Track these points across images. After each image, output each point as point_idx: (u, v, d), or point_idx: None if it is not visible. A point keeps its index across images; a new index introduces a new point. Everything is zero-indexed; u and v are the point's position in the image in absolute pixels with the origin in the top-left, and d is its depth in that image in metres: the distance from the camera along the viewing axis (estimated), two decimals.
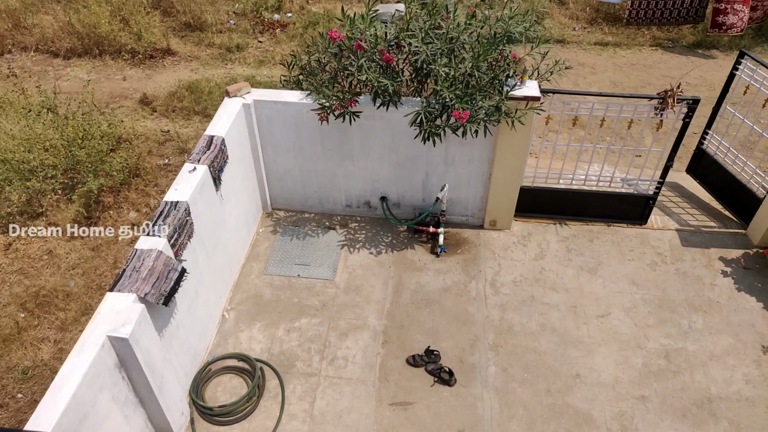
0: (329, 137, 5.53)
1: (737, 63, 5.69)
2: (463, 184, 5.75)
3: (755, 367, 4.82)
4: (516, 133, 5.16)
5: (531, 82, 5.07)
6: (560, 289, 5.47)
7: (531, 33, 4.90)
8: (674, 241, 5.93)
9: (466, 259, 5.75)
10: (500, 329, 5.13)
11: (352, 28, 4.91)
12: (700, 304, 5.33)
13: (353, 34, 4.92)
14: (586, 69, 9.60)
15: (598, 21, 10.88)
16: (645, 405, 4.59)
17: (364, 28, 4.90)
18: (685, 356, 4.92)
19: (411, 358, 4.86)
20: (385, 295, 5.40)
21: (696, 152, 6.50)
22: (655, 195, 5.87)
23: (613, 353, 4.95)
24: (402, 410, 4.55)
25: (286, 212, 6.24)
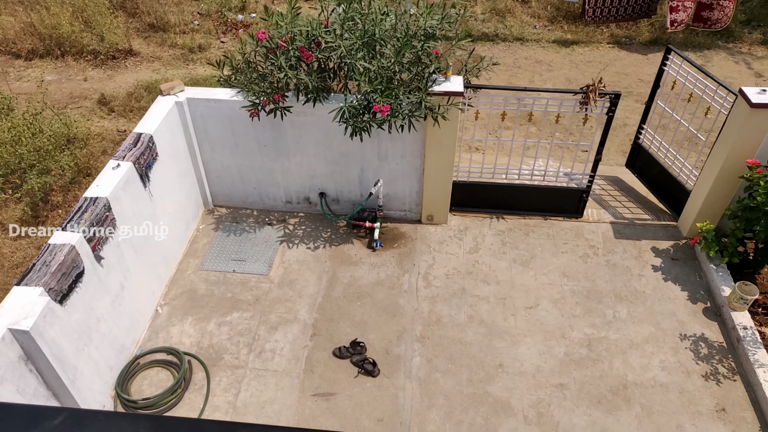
0: (263, 134, 5.61)
1: (665, 59, 5.80)
2: (399, 180, 5.84)
3: (672, 354, 4.93)
4: (443, 128, 5.25)
5: (455, 78, 5.16)
6: (492, 281, 5.57)
7: (446, 28, 4.97)
8: (608, 233, 6.04)
9: (402, 253, 5.84)
10: (429, 321, 5.22)
11: (278, 27, 5.00)
12: (627, 294, 5.43)
13: (279, 33, 5.00)
14: (543, 66, 9.71)
15: (558, 19, 11.00)
16: (563, 392, 4.69)
17: (286, 26, 4.98)
18: (606, 345, 5.02)
19: (337, 350, 4.94)
20: (319, 289, 5.48)
21: (633, 147, 6.62)
22: (588, 188, 5.97)
23: (538, 343, 5.05)
24: (324, 401, 4.63)
25: (227, 209, 6.31)
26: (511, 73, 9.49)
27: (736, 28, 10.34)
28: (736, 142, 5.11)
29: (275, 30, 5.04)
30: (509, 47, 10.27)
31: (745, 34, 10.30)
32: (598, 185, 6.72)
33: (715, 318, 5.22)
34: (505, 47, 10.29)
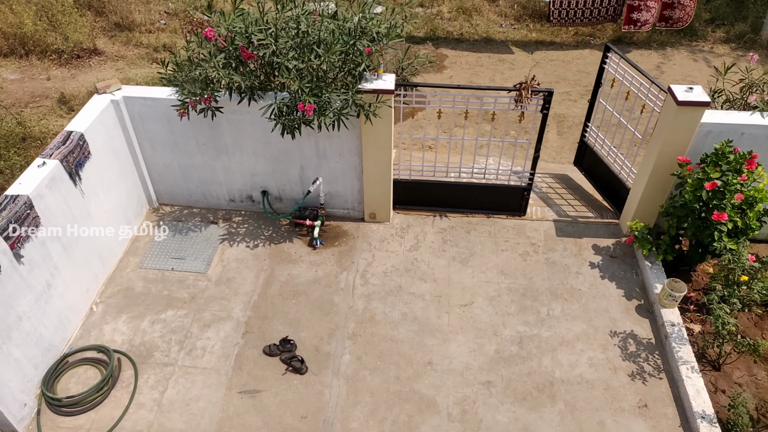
0: (201, 132, 5.62)
1: (604, 57, 5.82)
2: (339, 178, 5.85)
3: (601, 351, 4.95)
4: (378, 126, 5.26)
5: (388, 76, 5.17)
6: (429, 279, 5.58)
7: (375, 27, 4.97)
8: (550, 231, 6.06)
9: (342, 251, 5.85)
10: (362, 319, 5.23)
11: (220, 25, 4.98)
12: (563, 292, 5.45)
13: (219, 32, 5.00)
14: (506, 65, 9.73)
15: (525, 18, 11.03)
16: (489, 390, 4.71)
17: (226, 25, 4.98)
18: (537, 342, 5.04)
19: (267, 347, 4.95)
20: (255, 288, 5.48)
21: (579, 145, 6.64)
22: (530, 186, 5.99)
23: (469, 341, 5.06)
24: (250, 398, 4.64)
25: (172, 207, 6.31)
26: (472, 72, 9.51)
27: (700, 27, 10.38)
28: (667, 139, 5.13)
29: (217, 29, 5.02)
30: (473, 46, 10.29)
31: (708, 33, 10.33)
32: (546, 183, 6.75)
33: (647, 315, 5.24)
34: (469, 46, 10.30)
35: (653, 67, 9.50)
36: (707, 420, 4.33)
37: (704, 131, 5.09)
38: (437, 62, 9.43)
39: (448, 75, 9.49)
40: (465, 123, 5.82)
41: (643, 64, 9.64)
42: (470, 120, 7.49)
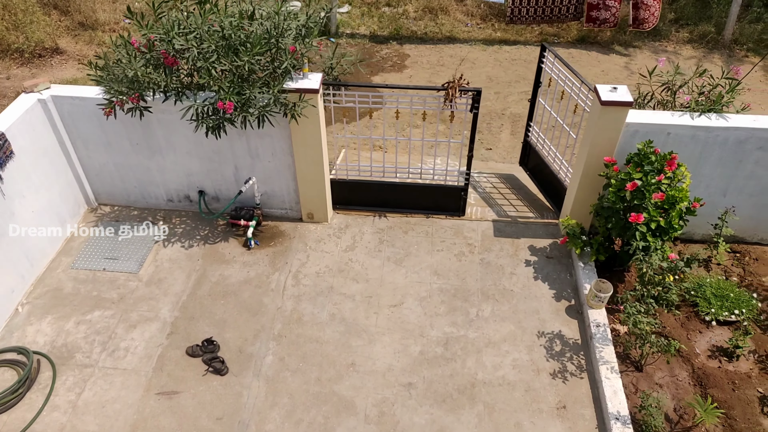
0: (134, 132, 5.58)
1: (541, 56, 5.79)
2: (274, 177, 5.82)
3: (526, 353, 4.92)
4: (306, 126, 5.23)
5: (314, 75, 5.13)
6: (361, 279, 5.55)
7: (311, 29, 4.91)
8: (488, 231, 6.03)
9: (277, 251, 5.81)
10: (290, 319, 5.19)
11: (141, 29, 4.94)
12: (494, 292, 5.42)
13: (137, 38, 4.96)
14: (467, 64, 9.70)
15: (490, 18, 11.00)
16: (409, 391, 4.67)
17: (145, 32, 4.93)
18: (463, 344, 5.01)
19: (190, 348, 4.91)
20: (185, 288, 5.44)
21: (523, 144, 6.61)
22: (466, 186, 5.95)
23: (395, 342, 5.03)
24: (167, 399, 4.60)
25: (111, 207, 6.27)
26: (433, 71, 9.48)
27: (665, 27, 10.35)
28: (594, 139, 5.10)
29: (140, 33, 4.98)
30: (436, 45, 10.25)
31: (672, 33, 10.31)
32: (491, 183, 6.72)
33: (577, 316, 5.21)
34: (432, 45, 10.27)
35: (613, 66, 9.47)
36: (621, 421, 4.30)
37: (631, 131, 5.06)
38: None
39: (408, 75, 9.46)
40: (396, 122, 5.77)
41: (605, 64, 9.64)
42: (418, 120, 7.45)
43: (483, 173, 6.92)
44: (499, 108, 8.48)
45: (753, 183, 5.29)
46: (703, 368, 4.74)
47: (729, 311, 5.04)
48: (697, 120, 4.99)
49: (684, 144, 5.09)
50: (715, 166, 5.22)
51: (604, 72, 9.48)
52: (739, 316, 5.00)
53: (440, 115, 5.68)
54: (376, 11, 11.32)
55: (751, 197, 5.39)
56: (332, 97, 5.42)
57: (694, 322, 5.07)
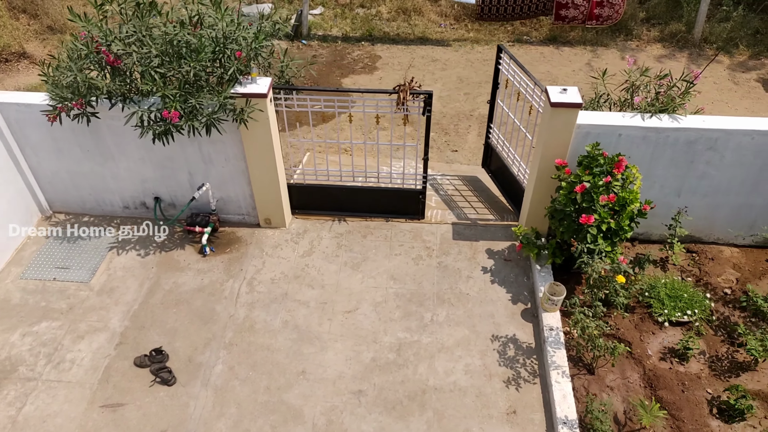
0: (84, 139, 5.49)
1: (498, 58, 5.75)
2: (229, 183, 5.74)
3: (479, 358, 4.88)
4: (256, 130, 5.16)
5: (262, 80, 5.06)
6: (317, 285, 5.48)
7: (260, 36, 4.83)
8: (447, 234, 5.98)
9: (232, 258, 5.74)
10: (242, 327, 5.12)
11: (85, 29, 4.86)
12: (450, 297, 5.37)
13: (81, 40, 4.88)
14: (438, 65, 9.66)
15: (463, 18, 10.96)
16: (359, 399, 4.62)
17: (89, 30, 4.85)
18: (416, 349, 4.96)
19: (138, 358, 4.84)
20: (137, 297, 5.36)
21: (485, 146, 6.57)
22: (424, 189, 5.90)
23: (347, 348, 4.97)
24: (111, 412, 4.52)
25: (66, 215, 6.17)
26: (404, 73, 9.42)
27: (636, 26, 10.35)
28: (547, 141, 5.07)
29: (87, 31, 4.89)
30: (408, 46, 10.20)
31: (643, 32, 10.31)
32: (453, 186, 6.68)
33: (532, 320, 5.17)
34: (404, 46, 10.22)
35: (583, 65, 9.46)
36: (569, 425, 4.26)
37: (583, 132, 5.03)
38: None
39: (378, 76, 9.39)
40: (362, 126, 5.71)
41: (574, 63, 9.62)
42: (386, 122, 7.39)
43: (446, 175, 6.88)
44: (468, 109, 8.44)
45: (705, 183, 5.28)
46: (654, 370, 4.71)
47: (682, 312, 5.02)
48: (648, 121, 4.96)
49: (636, 145, 5.06)
50: (667, 166, 5.20)
51: (575, 71, 9.46)
52: (692, 317, 4.99)
53: (396, 118, 5.63)
54: (350, 13, 11.25)
55: (704, 197, 5.38)
56: (284, 101, 5.35)
57: (647, 324, 5.05)
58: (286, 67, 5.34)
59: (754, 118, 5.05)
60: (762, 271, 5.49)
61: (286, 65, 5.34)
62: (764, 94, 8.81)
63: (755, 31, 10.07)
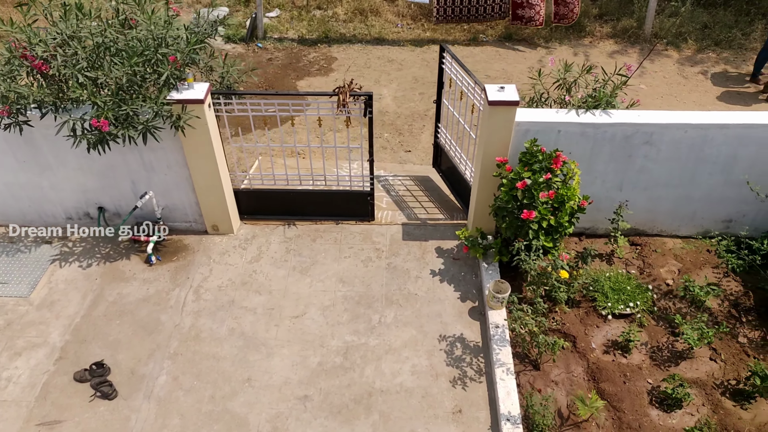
0: (18, 149, 5.35)
1: (441, 57, 5.76)
2: (173, 190, 5.65)
3: (426, 358, 4.88)
4: (196, 137, 5.09)
5: (199, 85, 4.98)
6: (265, 291, 5.43)
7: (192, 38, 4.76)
8: (397, 235, 5.98)
9: (179, 266, 5.65)
10: (187, 336, 5.04)
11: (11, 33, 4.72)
12: (399, 297, 5.37)
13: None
14: (394, 65, 9.65)
15: (420, 18, 10.98)
16: (305, 405, 4.58)
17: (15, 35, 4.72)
18: (363, 352, 4.94)
19: (78, 373, 4.73)
20: (80, 310, 5.24)
21: (434, 145, 6.58)
22: (372, 191, 5.89)
23: (294, 354, 4.93)
24: (48, 430, 4.40)
25: (5, 228, 6.00)
26: (359, 74, 9.40)
27: (588, 23, 10.50)
28: (488, 139, 5.09)
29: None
30: (365, 47, 10.18)
31: (596, 29, 10.46)
32: (404, 186, 6.68)
33: (479, 318, 5.20)
34: (361, 47, 10.19)
35: (536, 62, 9.55)
36: (512, 422, 4.29)
37: (522, 130, 5.07)
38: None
39: (334, 78, 9.34)
40: (302, 128, 5.67)
41: (529, 61, 9.70)
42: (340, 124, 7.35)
43: (398, 176, 6.88)
44: (423, 109, 8.45)
45: (645, 177, 5.37)
46: (597, 363, 4.77)
47: (625, 305, 5.09)
48: (583, 117, 5.03)
49: (575, 141, 5.12)
50: (607, 161, 5.28)
51: (530, 69, 9.54)
52: (634, 309, 5.07)
53: (342, 120, 5.60)
54: (306, 15, 11.18)
55: (645, 190, 5.47)
56: (224, 107, 5.28)
57: (592, 317, 5.11)
58: (227, 72, 5.26)
59: (687, 112, 5.16)
60: (702, 261, 5.61)
61: (226, 71, 5.26)
62: (711, 87, 9.02)
63: (703, 25, 10.31)
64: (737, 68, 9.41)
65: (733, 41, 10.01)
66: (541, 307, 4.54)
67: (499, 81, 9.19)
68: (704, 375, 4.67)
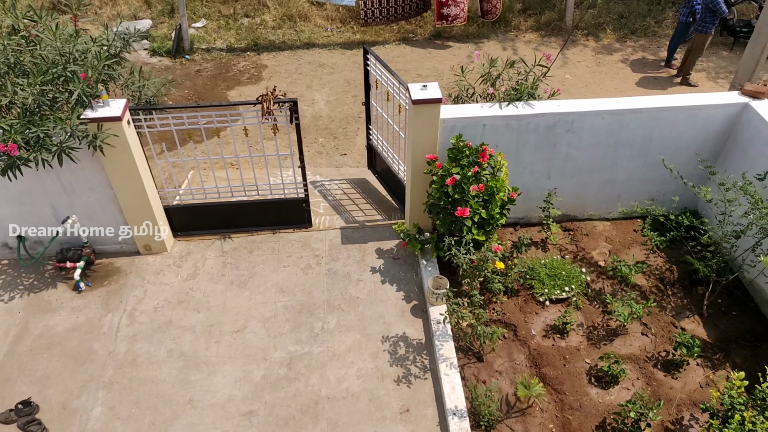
0: None
1: (366, 59, 5.77)
2: (99, 212, 5.42)
3: (371, 360, 4.87)
4: (117, 155, 4.90)
5: (115, 102, 4.79)
6: (203, 308, 5.28)
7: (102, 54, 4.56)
8: (336, 240, 5.94)
9: (111, 291, 5.42)
10: (123, 363, 4.84)
11: None
12: (341, 302, 5.33)
13: None
14: (325, 70, 9.61)
15: (349, 21, 10.98)
16: (250, 420, 4.48)
17: None
18: (307, 361, 4.88)
19: (2, 415, 4.45)
20: (2, 346, 4.94)
21: (367, 147, 6.59)
22: (306, 197, 5.83)
23: (236, 370, 4.81)
24: None
25: None
26: (291, 80, 9.31)
27: (513, 17, 10.79)
28: (416, 138, 5.14)
29: None
30: (295, 53, 10.09)
31: (521, 22, 10.76)
32: (341, 190, 6.65)
33: (422, 315, 5.23)
34: (291, 53, 10.10)
35: (465, 58, 9.72)
36: (458, 415, 4.34)
37: (449, 126, 5.14)
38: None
39: (264, 86, 9.22)
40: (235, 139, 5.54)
41: (458, 57, 9.87)
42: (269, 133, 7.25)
43: (335, 180, 6.85)
44: (356, 111, 8.45)
45: (571, 164, 5.55)
46: (538, 348, 4.89)
47: (561, 289, 5.24)
48: (506, 110, 5.15)
49: (500, 134, 5.23)
50: (533, 151, 5.42)
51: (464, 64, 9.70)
52: (570, 293, 5.22)
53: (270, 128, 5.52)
54: (234, 23, 10.98)
55: (572, 177, 5.66)
56: (144, 122, 5.11)
57: (531, 305, 5.24)
58: (143, 87, 5.09)
59: (604, 99, 5.35)
60: (630, 241, 5.85)
61: (143, 85, 5.09)
62: (631, 73, 9.44)
63: (620, 15, 10.79)
64: (653, 54, 9.89)
65: (647, 29, 10.53)
66: (478, 300, 4.62)
67: (430, 79, 9.30)
68: (637, 350, 4.87)
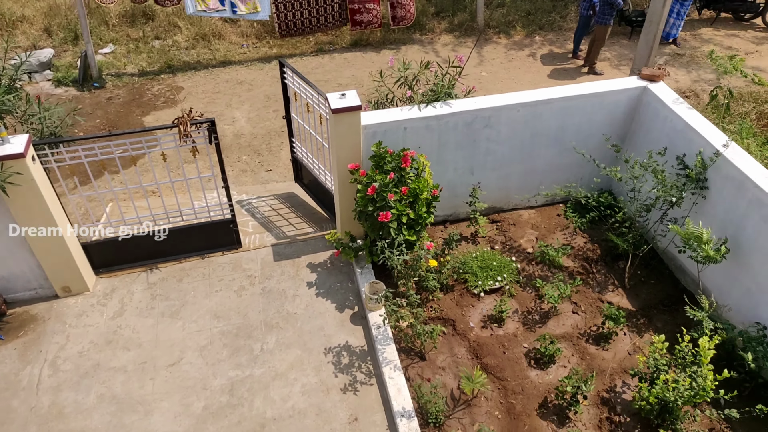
0: None
1: (282, 72, 5.70)
2: (7, 258, 5.06)
3: (315, 375, 4.79)
4: (25, 193, 4.59)
5: (17, 138, 4.49)
6: (133, 346, 5.02)
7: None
8: (267, 258, 5.82)
9: (28, 341, 5.06)
10: (47, 417, 4.52)
11: None
12: (278, 321, 5.23)
13: None
14: (244, 87, 9.45)
15: (265, 35, 10.86)
16: None
17: None
18: (249, 384, 4.74)
19: None
20: None
21: (292, 160, 6.51)
22: (233, 217, 5.69)
23: (174, 405, 4.60)
24: None
25: None
26: (209, 100, 9.09)
27: (427, 21, 11.02)
28: (339, 147, 5.12)
29: None
30: (212, 72, 9.87)
31: (435, 25, 11.01)
32: (269, 206, 6.54)
33: (362, 322, 5.21)
34: (207, 73, 9.87)
35: (383, 65, 9.82)
36: (406, 416, 4.34)
37: (370, 132, 5.16)
38: (172, 96, 8.82)
39: (181, 109, 8.94)
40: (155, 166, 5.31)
41: (377, 64, 9.96)
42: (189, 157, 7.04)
43: (262, 197, 6.73)
44: (279, 126, 8.35)
45: (492, 158, 5.71)
46: (477, 340, 4.98)
47: (494, 280, 5.37)
48: (425, 111, 5.24)
49: (422, 135, 5.31)
50: (455, 149, 5.54)
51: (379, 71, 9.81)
52: (503, 282, 5.36)
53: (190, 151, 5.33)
54: (145, 47, 10.61)
55: (494, 170, 5.82)
56: (52, 157, 4.82)
57: (466, 298, 5.32)
58: (44, 118, 4.81)
59: (517, 93, 5.54)
60: (555, 225, 6.08)
61: (44, 116, 4.81)
62: (542, 66, 9.86)
63: (527, 12, 11.25)
64: (560, 48, 10.38)
65: (553, 24, 11.04)
66: (415, 299, 4.64)
67: (350, 87, 9.34)
68: (570, 328, 5.05)
